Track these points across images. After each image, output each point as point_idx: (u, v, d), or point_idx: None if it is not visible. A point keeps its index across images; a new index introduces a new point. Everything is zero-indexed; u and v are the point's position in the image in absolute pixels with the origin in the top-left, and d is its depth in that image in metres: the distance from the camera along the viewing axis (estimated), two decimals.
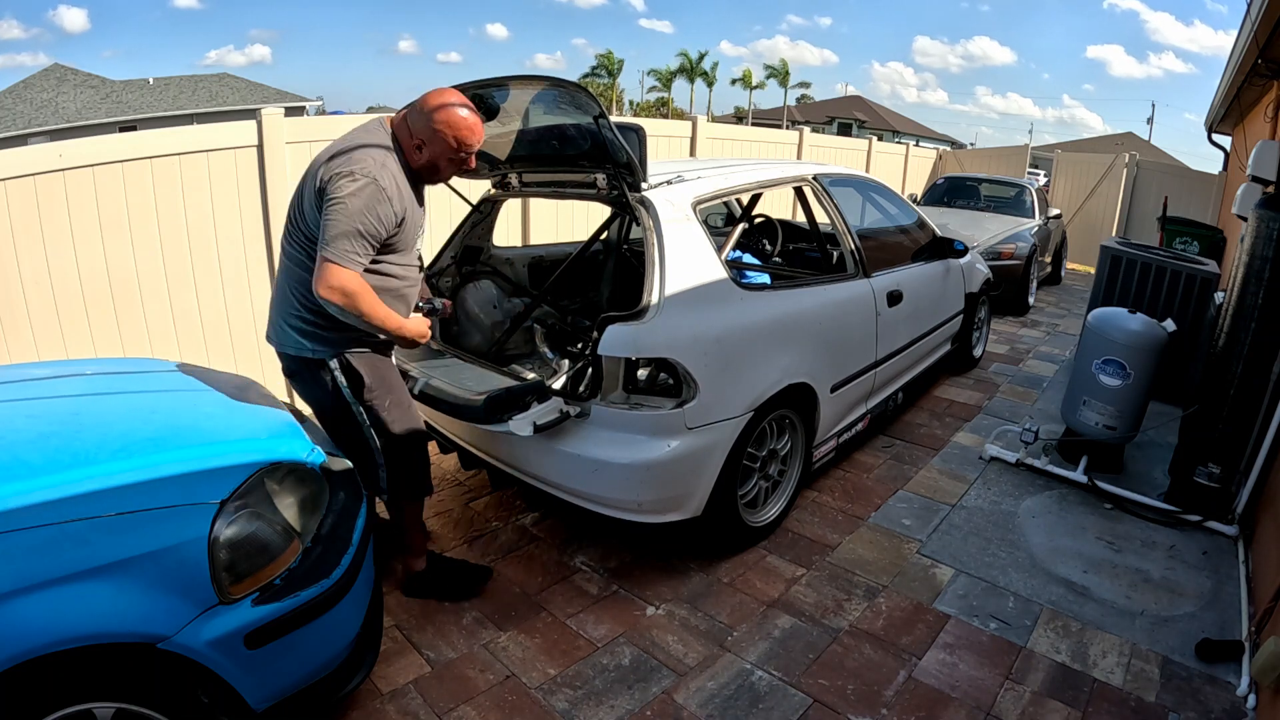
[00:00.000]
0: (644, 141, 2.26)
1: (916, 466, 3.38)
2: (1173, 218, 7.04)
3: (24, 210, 2.86)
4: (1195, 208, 8.47)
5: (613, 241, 3.25)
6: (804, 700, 1.95)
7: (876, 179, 4.08)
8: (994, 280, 4.91)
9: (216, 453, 1.56)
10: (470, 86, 2.31)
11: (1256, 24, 3.98)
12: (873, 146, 9.72)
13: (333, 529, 1.70)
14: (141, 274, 3.24)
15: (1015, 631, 2.24)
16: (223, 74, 29.46)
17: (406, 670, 2.03)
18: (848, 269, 3.12)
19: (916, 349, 3.67)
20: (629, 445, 2.18)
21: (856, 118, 40.28)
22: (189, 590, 1.39)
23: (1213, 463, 2.90)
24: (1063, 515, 2.97)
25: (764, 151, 7.68)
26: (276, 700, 1.57)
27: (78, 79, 24.49)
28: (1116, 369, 3.15)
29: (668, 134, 6.30)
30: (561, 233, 4.98)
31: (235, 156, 3.45)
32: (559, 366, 3.02)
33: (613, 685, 1.99)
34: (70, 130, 20.13)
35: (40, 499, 1.30)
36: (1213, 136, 8.82)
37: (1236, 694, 1.98)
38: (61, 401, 1.76)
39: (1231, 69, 5.61)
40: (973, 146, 30.00)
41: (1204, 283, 4.00)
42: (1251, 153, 3.49)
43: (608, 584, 2.45)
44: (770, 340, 2.51)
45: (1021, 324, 6.43)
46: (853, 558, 2.63)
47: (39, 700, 1.26)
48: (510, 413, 2.19)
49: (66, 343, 3.05)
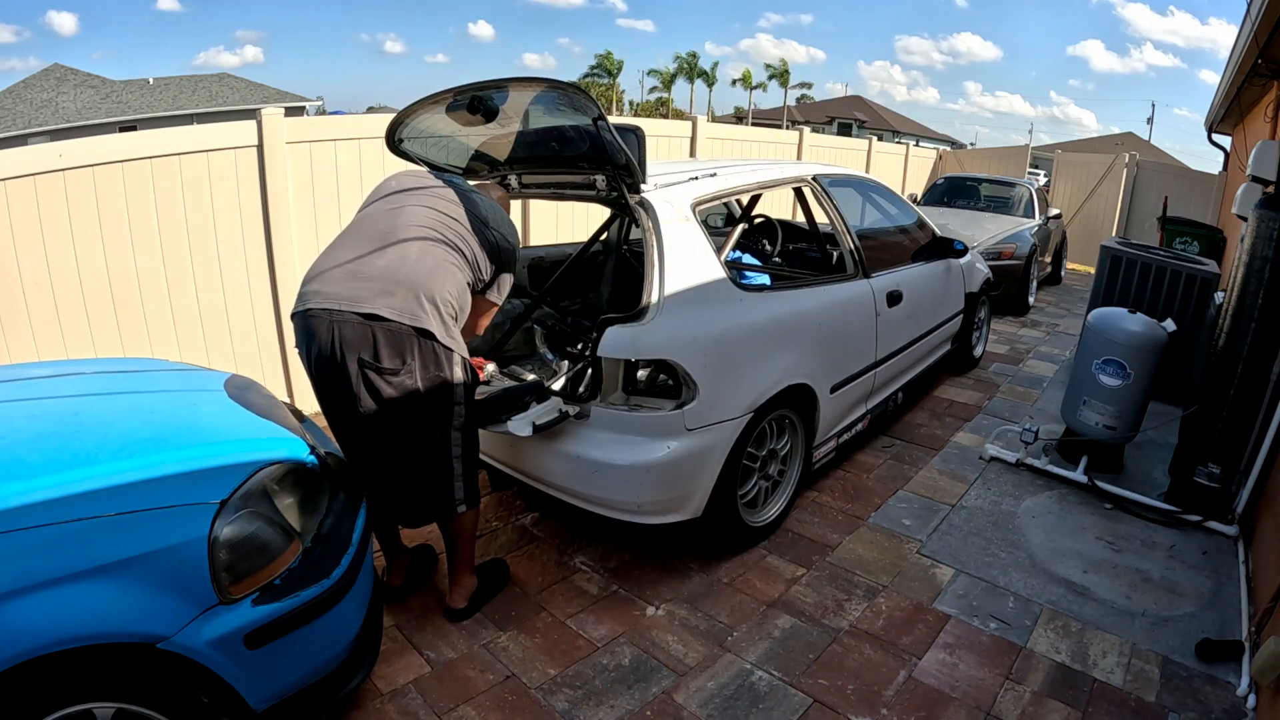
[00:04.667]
0: (643, 143, 2.26)
1: (916, 466, 3.38)
2: (1173, 218, 7.04)
3: (24, 210, 2.86)
4: (1195, 208, 8.47)
5: (612, 243, 3.26)
6: (804, 700, 1.95)
7: (876, 179, 4.08)
8: (994, 280, 4.91)
9: (216, 453, 1.56)
10: (470, 88, 2.31)
11: (1256, 24, 3.98)
12: (872, 147, 9.72)
13: (333, 529, 1.70)
14: (141, 274, 3.24)
15: (1015, 631, 2.24)
16: (222, 74, 29.48)
17: (406, 670, 2.03)
18: (847, 269, 3.12)
19: (916, 349, 3.67)
20: (629, 446, 2.18)
21: (856, 118, 40.30)
22: (189, 590, 1.39)
23: (1213, 463, 2.90)
24: (1063, 515, 2.97)
25: (764, 152, 7.68)
26: (276, 700, 1.57)
27: (77, 79, 24.50)
28: (1116, 369, 3.16)
29: (667, 134, 6.31)
30: (561, 234, 4.98)
31: (235, 156, 3.45)
32: (559, 367, 3.02)
33: (613, 685, 1.99)
34: (70, 130, 20.13)
35: (40, 499, 1.30)
36: (1213, 136, 8.82)
37: (1236, 694, 1.98)
38: (61, 401, 1.76)
39: (1231, 69, 5.61)
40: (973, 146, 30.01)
41: (1204, 283, 4.00)
42: (1251, 153, 3.49)
43: (608, 584, 2.45)
44: (770, 341, 2.51)
45: (1021, 324, 6.43)
46: (853, 558, 2.63)
47: (39, 700, 1.26)
48: (509, 413, 2.19)
49: (66, 343, 3.05)
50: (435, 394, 1.95)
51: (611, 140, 2.16)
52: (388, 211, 2.08)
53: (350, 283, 1.90)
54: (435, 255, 1.98)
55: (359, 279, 1.91)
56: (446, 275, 1.98)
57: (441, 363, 1.94)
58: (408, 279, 1.91)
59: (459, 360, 1.98)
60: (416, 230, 2.00)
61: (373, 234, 2.02)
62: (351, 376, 1.89)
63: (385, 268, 1.92)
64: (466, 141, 2.71)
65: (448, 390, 1.96)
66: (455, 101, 2.36)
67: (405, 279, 1.91)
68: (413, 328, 1.88)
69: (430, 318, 1.90)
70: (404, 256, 1.95)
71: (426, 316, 1.90)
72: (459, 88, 2.33)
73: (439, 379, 1.94)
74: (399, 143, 2.72)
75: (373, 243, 1.99)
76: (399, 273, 1.91)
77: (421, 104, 2.47)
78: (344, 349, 1.87)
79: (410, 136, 2.70)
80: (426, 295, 1.91)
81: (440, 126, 2.59)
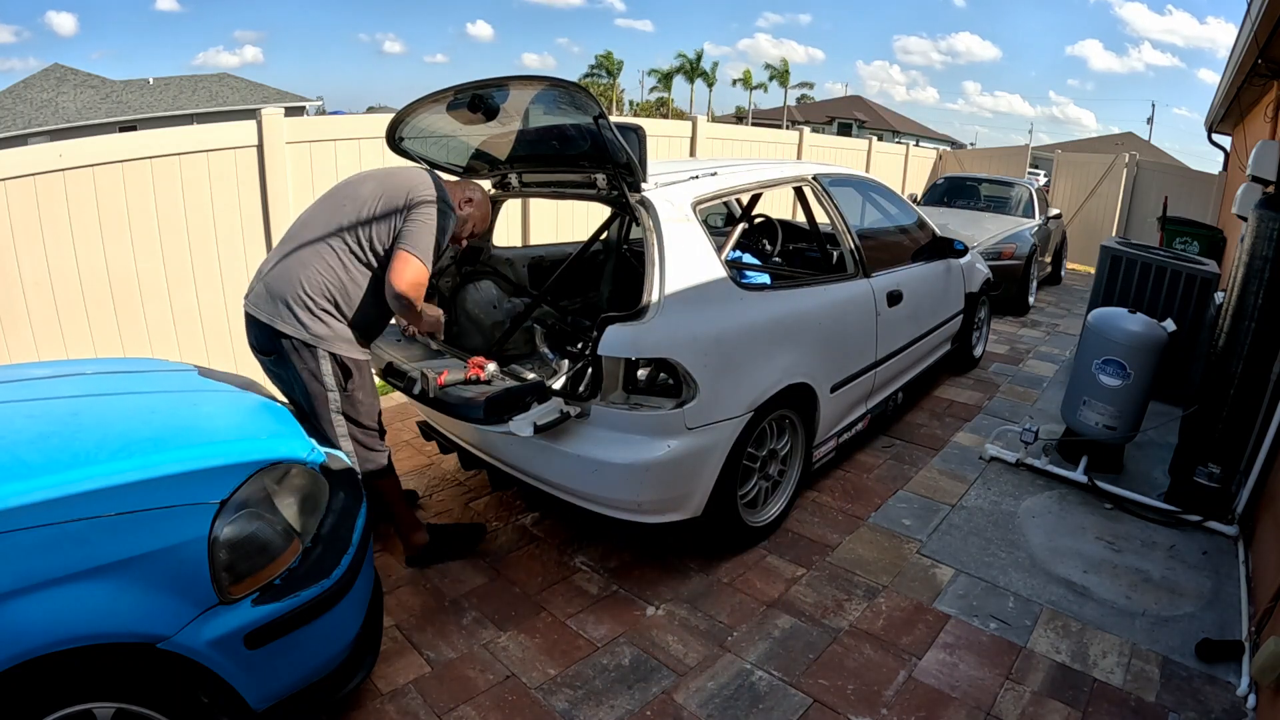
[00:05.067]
0: (644, 142, 2.26)
1: (916, 466, 3.38)
2: (1173, 218, 7.04)
3: (24, 210, 2.86)
4: (1195, 208, 8.47)
5: (613, 242, 3.25)
6: (804, 700, 1.95)
7: (876, 179, 4.08)
8: (994, 280, 4.91)
9: (216, 453, 1.56)
10: (471, 87, 2.31)
11: (1256, 24, 3.98)
12: (873, 146, 9.72)
13: (333, 529, 1.70)
14: (141, 274, 3.24)
15: (1015, 631, 2.24)
16: (222, 74, 29.47)
17: (406, 670, 2.03)
18: (848, 269, 3.12)
19: (916, 349, 3.67)
20: (629, 445, 2.18)
21: (856, 118, 40.29)
22: (189, 590, 1.39)
23: (1213, 463, 2.90)
24: (1063, 515, 2.97)
25: (764, 151, 7.69)
26: (276, 700, 1.57)
27: (77, 79, 24.49)
28: (1116, 369, 3.15)
29: (668, 134, 6.31)
30: (561, 233, 4.99)
31: (235, 156, 3.45)
32: (559, 367, 3.02)
33: (613, 685, 1.99)
34: (70, 130, 20.12)
35: (40, 499, 1.30)
36: (1213, 136, 8.82)
37: (1236, 694, 1.98)
38: (61, 401, 1.76)
39: (1231, 69, 5.61)
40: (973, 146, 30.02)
41: (1204, 283, 4.00)
42: (1251, 153, 3.49)
43: (608, 584, 2.45)
44: (770, 340, 2.51)
45: (1021, 324, 6.43)
46: (853, 558, 2.63)
47: (39, 700, 1.26)
48: (510, 413, 2.19)
49: (66, 343, 3.05)
50: (304, 383, 2.19)
51: (612, 139, 2.16)
52: (297, 220, 2.33)
53: (253, 287, 2.24)
54: (299, 256, 2.19)
55: (255, 284, 2.24)
56: (307, 271, 2.16)
57: (303, 357, 2.16)
58: (272, 284, 2.18)
59: (323, 354, 2.17)
60: (298, 236, 2.23)
61: (282, 242, 2.29)
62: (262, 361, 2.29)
63: (267, 274, 2.22)
64: (467, 140, 2.71)
65: (314, 380, 2.19)
66: (456, 100, 2.36)
67: (271, 283, 2.18)
68: (274, 329, 2.14)
69: (287, 320, 2.14)
70: (280, 263, 2.21)
71: (284, 320, 2.14)
72: (460, 86, 2.33)
73: (304, 371, 2.18)
74: (399, 141, 2.73)
75: (276, 251, 2.28)
76: (270, 278, 2.20)
77: (422, 103, 2.47)
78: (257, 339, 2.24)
79: (411, 135, 2.70)
80: (280, 297, 2.15)
81: (441, 125, 2.59)
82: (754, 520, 2.66)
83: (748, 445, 2.46)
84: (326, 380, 2.19)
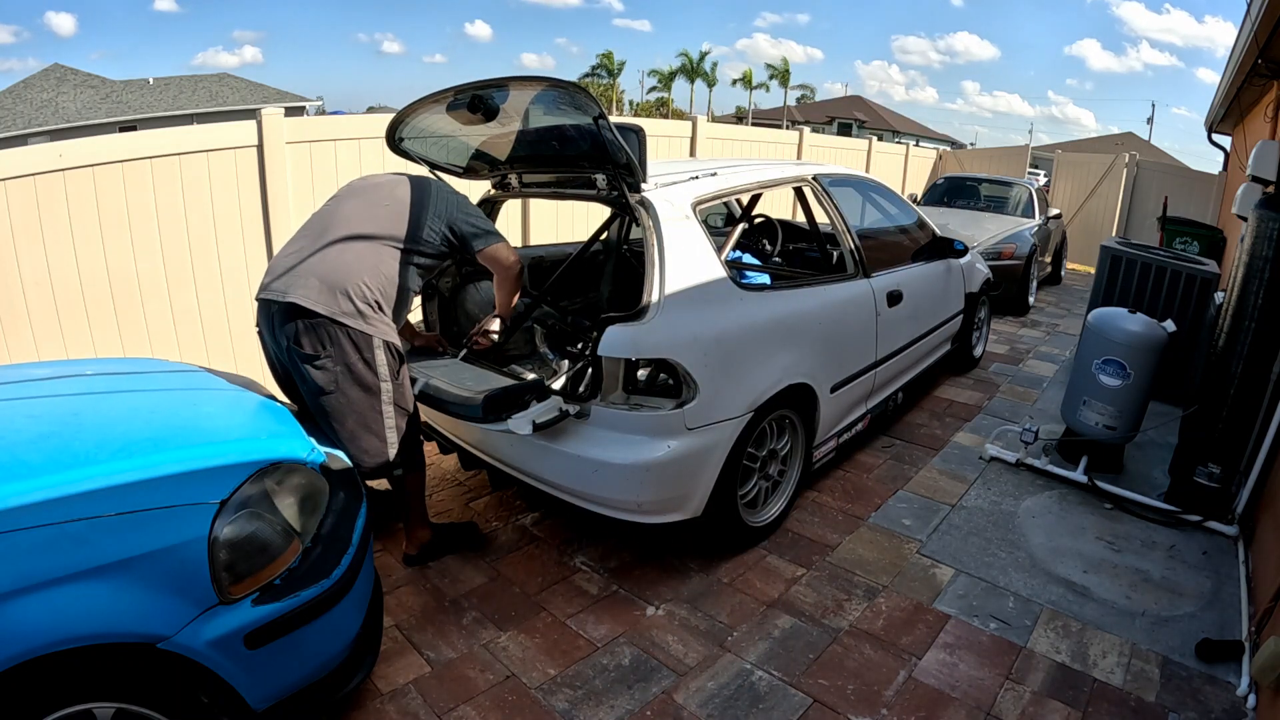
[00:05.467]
0: (644, 142, 2.26)
1: (916, 466, 3.38)
2: (1173, 218, 7.05)
3: (24, 210, 2.86)
4: (1195, 208, 8.47)
5: (613, 242, 3.25)
6: (804, 700, 1.95)
7: (876, 179, 4.08)
8: (994, 280, 4.91)
9: (216, 453, 1.56)
10: (470, 87, 2.31)
11: (1256, 24, 3.98)
12: (873, 147, 9.72)
13: (333, 529, 1.70)
14: (141, 274, 3.24)
15: (1015, 631, 2.24)
16: (222, 74, 29.47)
17: (406, 670, 2.03)
18: (848, 269, 3.12)
19: (916, 349, 3.67)
20: (629, 446, 2.18)
21: (856, 118, 40.28)
22: (189, 590, 1.39)
23: (1213, 463, 2.90)
24: (1063, 515, 2.97)
25: (764, 152, 7.69)
26: (276, 700, 1.57)
27: (77, 79, 24.50)
28: (1116, 369, 3.15)
29: (667, 134, 6.31)
30: (561, 233, 4.98)
31: (235, 156, 3.45)
32: (559, 367, 3.02)
33: (613, 685, 1.99)
34: (70, 130, 20.13)
35: (40, 499, 1.30)
36: (1212, 136, 8.82)
37: (1236, 694, 1.98)
38: (61, 401, 1.76)
39: (1231, 69, 5.61)
40: (973, 146, 30.01)
41: (1204, 283, 4.00)
42: (1251, 153, 3.49)
43: (608, 584, 2.45)
44: (770, 340, 2.51)
45: (1021, 324, 6.43)
46: (853, 558, 2.63)
47: (39, 700, 1.26)
48: (509, 412, 2.20)
49: (66, 343, 3.05)
50: (357, 375, 2.15)
51: (612, 139, 2.16)
52: (327, 212, 2.32)
53: (285, 277, 2.17)
54: (355, 250, 2.20)
55: (293, 274, 2.16)
56: (366, 266, 2.18)
57: (360, 348, 2.14)
58: (326, 274, 2.14)
59: (379, 344, 2.17)
60: (342, 229, 2.23)
61: (310, 233, 2.27)
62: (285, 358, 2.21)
63: (311, 264, 2.17)
64: (467, 140, 2.71)
65: (369, 371, 2.17)
66: (456, 100, 2.36)
67: (324, 274, 2.14)
68: (328, 318, 2.10)
69: (343, 309, 2.11)
70: (325, 255, 2.18)
71: (339, 308, 2.11)
72: (460, 86, 2.33)
73: (359, 362, 2.15)
74: (399, 142, 2.73)
75: (311, 241, 2.24)
76: (319, 268, 2.15)
77: (422, 103, 2.47)
78: (278, 333, 2.17)
79: (411, 136, 2.70)
80: (340, 288, 2.12)
81: (441, 126, 2.59)
82: (754, 520, 2.66)
83: (748, 445, 2.46)
84: (381, 370, 2.18)
